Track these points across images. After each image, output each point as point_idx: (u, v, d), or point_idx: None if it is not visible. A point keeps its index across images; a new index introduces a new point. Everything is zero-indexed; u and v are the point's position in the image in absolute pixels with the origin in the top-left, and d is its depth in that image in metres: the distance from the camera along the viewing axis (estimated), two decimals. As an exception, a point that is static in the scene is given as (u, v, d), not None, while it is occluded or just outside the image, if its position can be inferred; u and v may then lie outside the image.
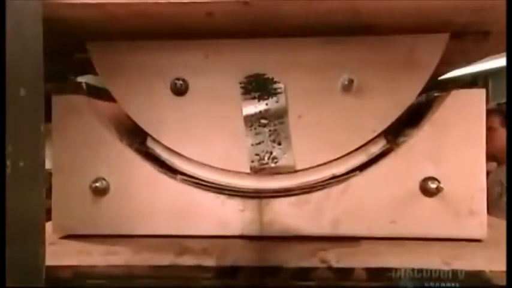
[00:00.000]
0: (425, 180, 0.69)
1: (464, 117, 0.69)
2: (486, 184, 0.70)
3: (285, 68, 0.71)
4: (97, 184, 0.72)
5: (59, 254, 0.66)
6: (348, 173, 0.72)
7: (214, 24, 0.65)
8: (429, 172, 0.69)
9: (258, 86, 0.71)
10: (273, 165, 0.72)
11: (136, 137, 0.77)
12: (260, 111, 0.71)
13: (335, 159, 0.73)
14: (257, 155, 0.72)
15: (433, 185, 0.68)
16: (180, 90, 0.72)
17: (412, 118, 0.75)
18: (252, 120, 0.71)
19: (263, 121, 0.71)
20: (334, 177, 0.72)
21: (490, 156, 1.67)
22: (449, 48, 0.70)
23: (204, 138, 0.73)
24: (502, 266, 0.56)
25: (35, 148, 0.46)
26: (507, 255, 0.54)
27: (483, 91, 0.70)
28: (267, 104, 0.71)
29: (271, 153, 0.72)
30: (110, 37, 0.70)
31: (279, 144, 0.72)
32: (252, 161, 0.72)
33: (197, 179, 0.73)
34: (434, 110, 0.71)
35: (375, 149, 0.73)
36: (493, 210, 0.75)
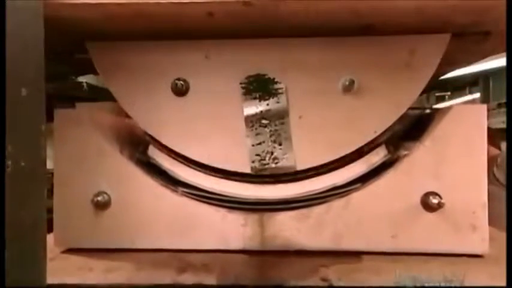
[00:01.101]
0: (427, 195, 0.69)
1: (465, 133, 0.69)
2: None
3: (285, 68, 0.71)
4: (98, 198, 0.72)
5: (60, 270, 0.65)
6: (349, 184, 0.72)
7: (215, 24, 0.65)
8: (431, 187, 0.69)
9: (258, 86, 0.71)
10: (273, 165, 0.72)
11: (138, 147, 0.77)
12: (261, 112, 0.71)
13: (336, 169, 0.73)
14: (258, 155, 0.72)
15: (434, 200, 0.68)
16: (180, 90, 0.72)
17: (413, 131, 0.75)
18: (252, 121, 0.71)
19: (264, 121, 0.71)
20: (335, 187, 0.72)
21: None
22: (449, 49, 0.70)
23: (205, 139, 0.73)
24: (503, 283, 0.54)
25: (35, 148, 0.46)
26: (507, 273, 0.52)
27: (484, 106, 0.71)
28: (267, 105, 0.71)
29: (272, 153, 0.72)
30: (111, 37, 0.71)
31: (280, 144, 0.72)
32: (253, 162, 0.72)
33: (198, 190, 0.73)
34: (436, 125, 0.71)
35: (376, 158, 0.73)
36: None
